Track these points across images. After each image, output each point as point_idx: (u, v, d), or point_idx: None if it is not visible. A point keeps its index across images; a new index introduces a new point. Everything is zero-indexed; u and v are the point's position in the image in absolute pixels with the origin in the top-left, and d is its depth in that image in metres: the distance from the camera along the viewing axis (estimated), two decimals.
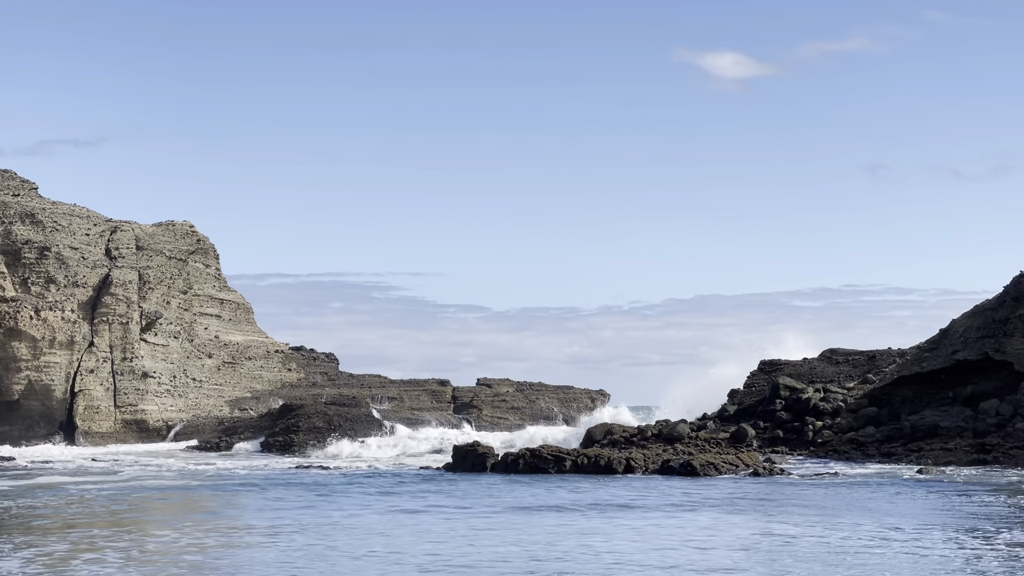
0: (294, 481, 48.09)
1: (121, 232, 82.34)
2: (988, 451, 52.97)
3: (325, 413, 76.79)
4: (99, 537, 29.23)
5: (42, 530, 31.17)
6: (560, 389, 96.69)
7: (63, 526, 31.92)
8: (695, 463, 49.99)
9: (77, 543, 28.11)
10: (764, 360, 73.26)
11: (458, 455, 54.56)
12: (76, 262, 78.22)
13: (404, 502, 38.87)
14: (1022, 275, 61.08)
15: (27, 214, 78.79)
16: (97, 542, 28.26)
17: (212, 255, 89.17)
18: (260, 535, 29.83)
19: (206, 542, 28.38)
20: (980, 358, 60.13)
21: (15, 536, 29.51)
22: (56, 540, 28.72)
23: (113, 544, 27.92)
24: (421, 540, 29.04)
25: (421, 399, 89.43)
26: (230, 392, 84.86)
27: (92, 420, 75.85)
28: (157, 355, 79.89)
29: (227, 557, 26.18)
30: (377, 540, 29.11)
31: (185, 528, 31.04)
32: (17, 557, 25.77)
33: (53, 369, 75.26)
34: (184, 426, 79.09)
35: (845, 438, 59.06)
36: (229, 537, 29.57)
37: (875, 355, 70.94)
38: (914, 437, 57.03)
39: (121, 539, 28.85)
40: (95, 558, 25.69)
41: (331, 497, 40.71)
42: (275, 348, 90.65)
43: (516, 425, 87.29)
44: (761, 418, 63.74)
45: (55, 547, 27.52)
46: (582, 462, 50.88)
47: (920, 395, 61.45)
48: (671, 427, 62.19)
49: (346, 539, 29.19)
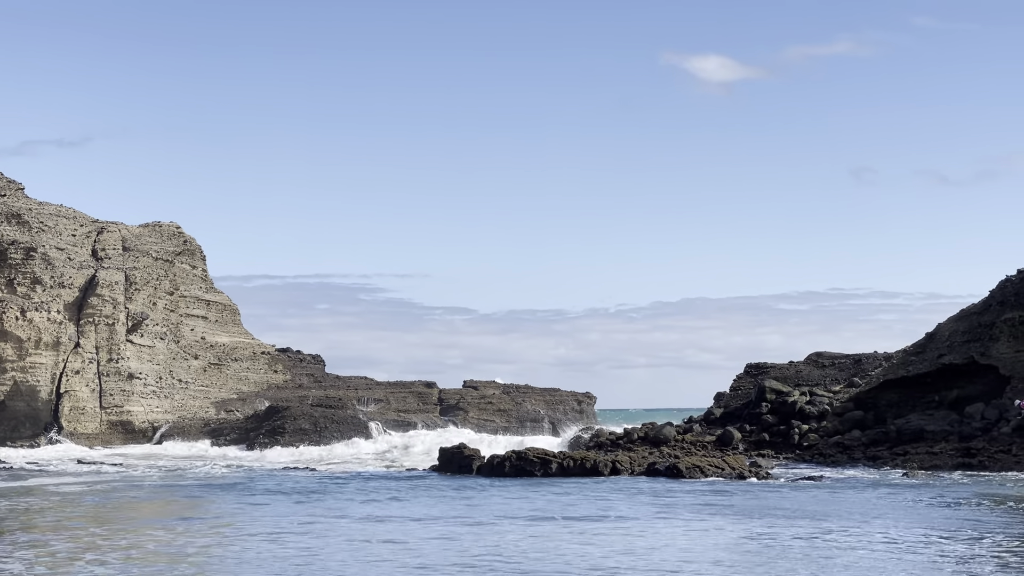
0: (281, 483, 48.02)
1: (108, 233, 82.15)
2: (973, 455, 53.15)
3: (311, 415, 76.72)
4: (98, 536, 29.20)
5: (41, 529, 31.15)
6: (547, 391, 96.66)
7: (58, 526, 31.82)
8: (681, 466, 50.06)
9: (77, 543, 28.02)
10: (750, 363, 73.42)
11: (444, 457, 54.56)
12: (62, 263, 78.01)
13: (381, 508, 38.85)
14: (1008, 280, 61.32)
15: (13, 214, 78.55)
16: (97, 542, 28.20)
17: (199, 256, 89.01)
18: (257, 537, 29.78)
19: (201, 542, 28.34)
20: (966, 362, 60.34)
21: (18, 536, 29.45)
22: (57, 540, 28.60)
23: (114, 544, 27.86)
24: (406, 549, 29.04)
25: (407, 401, 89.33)
26: (216, 393, 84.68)
27: (78, 421, 75.65)
28: (143, 356, 79.72)
29: (226, 558, 26.16)
30: (361, 544, 29.11)
31: (177, 529, 30.98)
32: (18, 558, 25.70)
33: (39, 370, 75.07)
34: (170, 427, 78.91)
35: (831, 441, 59.19)
36: (222, 538, 29.53)
37: (861, 359, 71.13)
38: (900, 441, 57.20)
39: (120, 539, 28.84)
40: (96, 558, 25.64)
41: (317, 499, 40.66)
42: (261, 350, 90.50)
43: (502, 428, 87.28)
44: (747, 421, 63.87)
45: (56, 547, 27.41)
46: (568, 465, 50.90)
47: (906, 399, 61.64)
48: (657, 430, 62.27)
49: (335, 539, 29.19)
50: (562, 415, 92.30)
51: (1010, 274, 61.59)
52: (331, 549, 27.64)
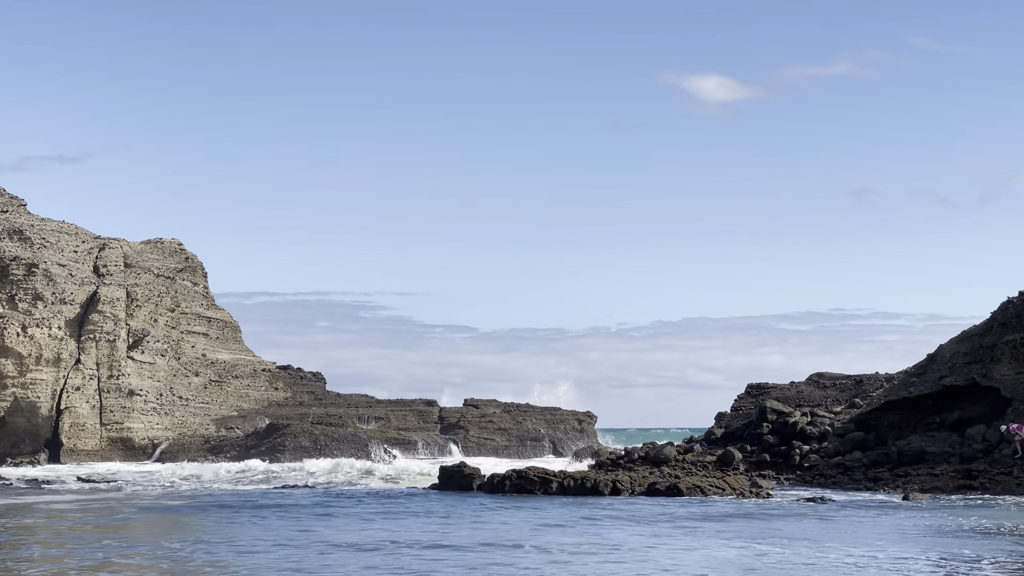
0: (276, 501, 47.95)
1: (109, 249, 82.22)
2: (975, 477, 52.98)
3: (311, 432, 76.65)
4: (114, 553, 29.15)
5: (56, 545, 31.14)
6: (547, 411, 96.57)
7: (71, 542, 31.73)
8: (681, 486, 49.94)
9: (60, 564, 27.95)
10: (751, 383, 73.30)
11: (445, 475, 54.49)
12: (64, 279, 78.04)
13: (378, 525, 38.79)
14: (1009, 301, 61.25)
15: (15, 230, 78.61)
16: (112, 559, 28.15)
17: (200, 273, 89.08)
18: (262, 552, 29.74)
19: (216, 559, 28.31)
20: (967, 384, 60.22)
21: (32, 551, 29.46)
22: (69, 557, 28.53)
23: (128, 561, 27.76)
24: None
25: (408, 419, 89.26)
26: (216, 410, 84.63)
27: (77, 438, 75.57)
28: (144, 373, 79.66)
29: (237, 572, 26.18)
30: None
31: (186, 547, 30.90)
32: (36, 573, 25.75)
33: (39, 386, 75.03)
34: (170, 444, 78.81)
35: (832, 462, 59.03)
36: (228, 552, 29.47)
37: (862, 379, 71.03)
38: (901, 462, 57.05)
39: (135, 553, 28.83)
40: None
41: (319, 516, 40.60)
42: (262, 367, 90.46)
43: (503, 447, 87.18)
44: (748, 441, 63.73)
45: (69, 563, 27.35)
46: (568, 484, 50.80)
47: (907, 420, 61.51)
48: (658, 450, 62.17)
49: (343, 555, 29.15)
50: (563, 434, 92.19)
51: (1012, 296, 61.52)
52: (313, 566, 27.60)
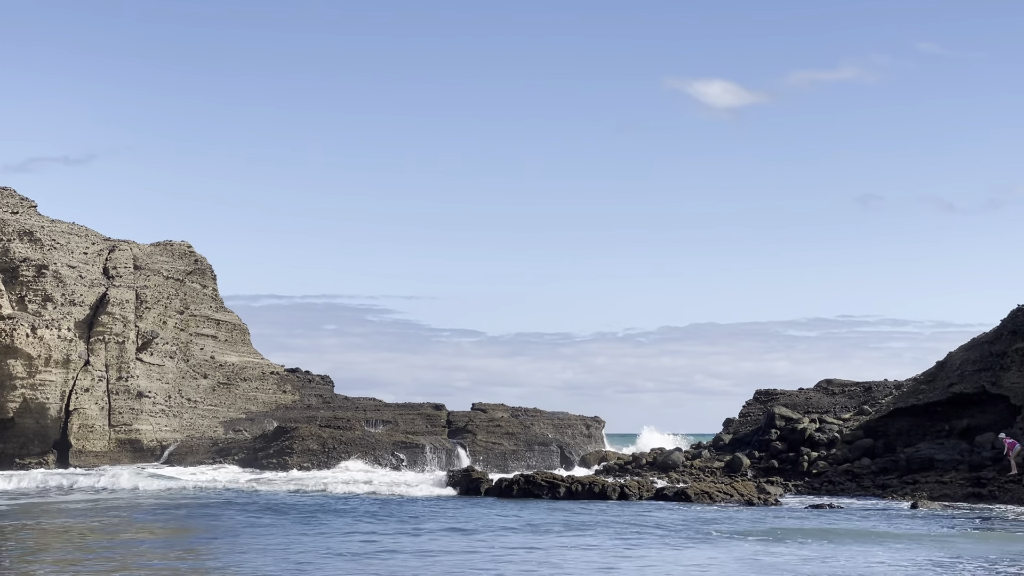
0: (285, 502, 47.98)
1: (119, 251, 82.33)
2: (983, 485, 52.90)
3: (319, 435, 76.64)
4: (140, 554, 29.18)
5: (32, 551, 31.08)
6: (555, 415, 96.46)
7: (85, 547, 31.73)
8: (689, 491, 49.92)
9: (63, 567, 27.98)
10: (759, 389, 73.26)
11: (453, 479, 54.55)
12: (74, 280, 78.13)
13: (388, 528, 38.81)
14: (1019, 309, 61.17)
15: (25, 232, 78.77)
16: (129, 561, 28.17)
17: (209, 276, 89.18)
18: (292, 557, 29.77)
19: None
20: (976, 391, 60.14)
21: (46, 554, 29.50)
22: (88, 559, 28.53)
23: (147, 564, 27.77)
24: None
25: (416, 423, 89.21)
26: (224, 413, 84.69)
27: (86, 439, 75.66)
28: (152, 375, 79.77)
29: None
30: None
31: (201, 553, 30.92)
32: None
33: (48, 387, 75.09)
34: (178, 446, 78.88)
35: (840, 469, 58.98)
36: (244, 556, 29.50)
37: (871, 386, 70.94)
38: (909, 469, 56.97)
39: (166, 555, 28.83)
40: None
41: (326, 521, 40.61)
42: (270, 370, 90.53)
43: (511, 451, 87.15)
44: (756, 448, 63.69)
45: (89, 567, 27.38)
46: (576, 488, 50.81)
47: (916, 427, 61.43)
48: (666, 455, 62.17)
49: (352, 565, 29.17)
50: (571, 439, 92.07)
51: (1021, 303, 61.48)
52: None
